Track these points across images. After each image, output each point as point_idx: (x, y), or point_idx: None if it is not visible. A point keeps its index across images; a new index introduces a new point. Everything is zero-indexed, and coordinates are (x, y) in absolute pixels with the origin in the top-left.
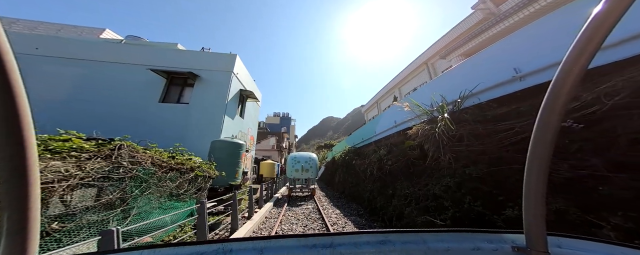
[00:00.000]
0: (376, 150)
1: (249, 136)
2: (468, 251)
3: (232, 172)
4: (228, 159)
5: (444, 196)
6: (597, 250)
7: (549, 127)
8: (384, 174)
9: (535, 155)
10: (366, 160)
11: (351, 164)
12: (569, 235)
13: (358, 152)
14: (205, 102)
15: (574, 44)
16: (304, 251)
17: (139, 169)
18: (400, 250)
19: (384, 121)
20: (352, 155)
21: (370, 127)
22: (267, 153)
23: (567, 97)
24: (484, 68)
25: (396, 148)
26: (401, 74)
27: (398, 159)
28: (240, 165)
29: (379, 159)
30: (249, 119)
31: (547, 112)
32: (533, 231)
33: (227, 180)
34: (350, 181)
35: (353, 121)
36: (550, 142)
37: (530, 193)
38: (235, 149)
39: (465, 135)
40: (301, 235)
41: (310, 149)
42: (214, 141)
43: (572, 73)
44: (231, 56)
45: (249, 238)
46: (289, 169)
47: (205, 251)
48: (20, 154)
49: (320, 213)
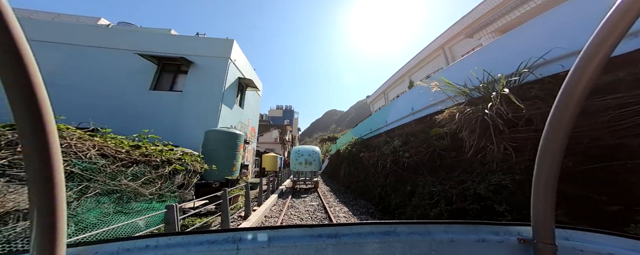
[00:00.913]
0: (389, 141)
1: (249, 127)
2: (473, 243)
3: (228, 165)
4: (224, 151)
5: (495, 198)
6: (606, 243)
7: (565, 116)
8: (401, 167)
9: (548, 145)
10: (376, 152)
11: (358, 157)
12: (578, 228)
13: (366, 144)
14: (201, 90)
15: (601, 25)
16: (309, 241)
17: (76, 162)
18: (405, 241)
19: (398, 109)
20: (359, 147)
21: (379, 116)
22: (269, 146)
23: (588, 84)
24: (564, 24)
25: (415, 138)
26: (412, 61)
27: (419, 150)
28: (238, 157)
29: (393, 151)
30: (250, 109)
31: (565, 100)
32: (541, 223)
33: (222, 175)
34: (356, 175)
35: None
36: (566, 131)
37: (540, 184)
38: (232, 139)
39: (536, 117)
40: (307, 226)
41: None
42: (208, 131)
43: (595, 59)
44: (228, 41)
45: (257, 228)
46: (293, 162)
47: (216, 239)
48: (45, 150)
49: (326, 211)
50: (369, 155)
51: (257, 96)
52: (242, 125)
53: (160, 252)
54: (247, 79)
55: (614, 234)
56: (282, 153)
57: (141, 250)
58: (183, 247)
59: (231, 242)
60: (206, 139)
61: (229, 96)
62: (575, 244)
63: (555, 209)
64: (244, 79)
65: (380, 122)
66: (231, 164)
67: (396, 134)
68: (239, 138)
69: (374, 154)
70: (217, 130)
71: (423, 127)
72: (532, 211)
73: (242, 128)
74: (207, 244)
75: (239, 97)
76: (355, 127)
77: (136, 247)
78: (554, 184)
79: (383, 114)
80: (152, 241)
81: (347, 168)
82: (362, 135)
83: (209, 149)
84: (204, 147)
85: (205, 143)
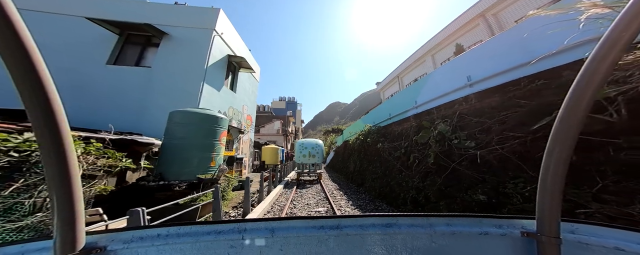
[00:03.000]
0: (426, 126)
1: (244, 115)
2: (475, 235)
3: (203, 159)
4: (196, 139)
5: None
6: (613, 236)
7: (579, 106)
8: (461, 163)
9: (558, 136)
10: (401, 142)
11: (374, 149)
12: (585, 221)
13: (384, 133)
14: (177, 67)
15: (617, 20)
16: (312, 232)
17: None
18: (406, 233)
19: (436, 84)
20: (375, 136)
21: (404, 97)
22: (272, 137)
23: (607, 71)
24: None
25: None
26: (435, 38)
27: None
28: (219, 149)
29: (439, 140)
30: (244, 94)
31: (582, 86)
32: (546, 216)
33: (194, 173)
34: (372, 170)
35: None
36: (578, 120)
37: (547, 176)
38: (208, 124)
39: None
40: (310, 217)
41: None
42: (173, 112)
43: (609, 56)
44: (212, 11)
45: (261, 219)
46: (297, 155)
47: (222, 230)
48: (59, 146)
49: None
50: (391, 147)
51: (253, 81)
52: (235, 112)
53: (171, 240)
54: (238, 57)
55: (621, 227)
56: (285, 145)
57: (153, 238)
58: (192, 237)
59: (237, 233)
60: (171, 123)
61: (215, 75)
62: (581, 237)
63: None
64: (235, 57)
65: (405, 103)
66: (207, 157)
67: (438, 116)
68: (219, 122)
69: (398, 144)
70: (186, 112)
71: (500, 101)
72: (537, 204)
73: (234, 115)
74: (214, 234)
75: (230, 78)
76: (367, 115)
77: (148, 236)
78: (562, 177)
79: (410, 94)
80: (164, 230)
81: (358, 161)
82: (377, 123)
83: (174, 137)
84: (168, 134)
85: (169, 129)
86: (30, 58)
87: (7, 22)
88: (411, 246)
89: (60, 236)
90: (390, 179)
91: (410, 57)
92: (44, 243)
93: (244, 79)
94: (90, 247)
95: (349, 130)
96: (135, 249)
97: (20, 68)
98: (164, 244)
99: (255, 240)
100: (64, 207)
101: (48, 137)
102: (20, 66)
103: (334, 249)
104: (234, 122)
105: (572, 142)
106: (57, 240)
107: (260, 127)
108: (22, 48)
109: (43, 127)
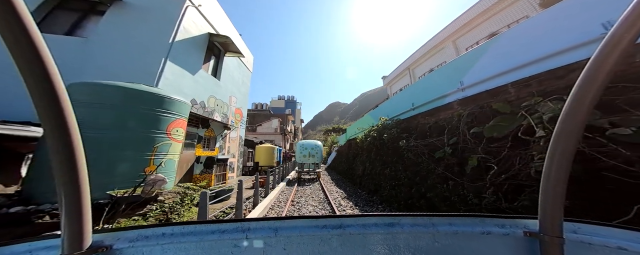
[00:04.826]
0: (504, 110)
1: (231, 108)
2: (477, 235)
3: (135, 164)
4: (118, 129)
5: None
6: (616, 236)
7: (582, 106)
8: (615, 166)
9: (561, 136)
10: (444, 137)
11: (394, 147)
12: (587, 221)
13: (405, 127)
14: (128, 39)
15: (621, 19)
16: (315, 231)
17: None
18: (409, 232)
19: (510, 51)
20: (395, 131)
21: (438, 79)
22: (269, 137)
23: (609, 72)
24: None
25: None
26: (459, 19)
27: None
28: (168, 146)
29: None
30: (232, 84)
31: (585, 87)
32: (549, 216)
33: (107, 187)
34: (390, 175)
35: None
36: (581, 121)
37: (550, 176)
38: (141, 106)
39: None
40: (312, 217)
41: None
42: (72, 85)
43: (619, 47)
44: None
45: (264, 218)
46: (298, 155)
47: (226, 229)
48: (68, 146)
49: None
50: (422, 144)
51: (245, 70)
52: (219, 103)
53: (175, 239)
54: (222, 37)
55: (624, 227)
56: (283, 145)
57: (158, 237)
58: (196, 236)
59: (240, 232)
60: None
61: (187, 55)
62: (583, 237)
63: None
64: (218, 36)
65: (439, 87)
66: (141, 160)
67: (526, 94)
68: (168, 106)
69: (436, 140)
70: (98, 85)
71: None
72: (540, 204)
73: (217, 107)
74: (218, 233)
75: (212, 63)
76: (377, 108)
77: (154, 235)
78: (565, 177)
79: (449, 74)
80: (168, 229)
81: (369, 163)
82: (394, 116)
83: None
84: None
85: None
86: (46, 68)
87: (18, 22)
88: (414, 246)
89: (68, 234)
90: (426, 189)
91: (425, 45)
92: (51, 241)
93: (232, 66)
94: (96, 246)
95: (358, 126)
96: (140, 247)
97: (34, 73)
98: (169, 242)
99: (259, 239)
100: (72, 206)
101: (57, 137)
102: (33, 71)
103: (336, 248)
104: (217, 115)
105: (575, 142)
106: (64, 238)
107: (257, 125)
108: (37, 56)
109: (53, 127)
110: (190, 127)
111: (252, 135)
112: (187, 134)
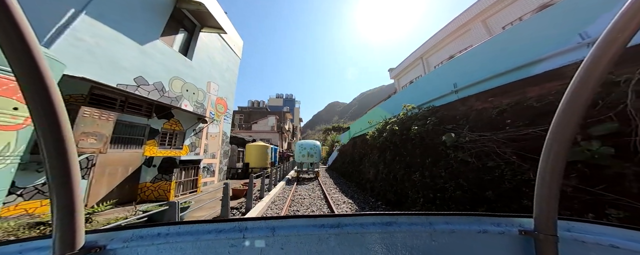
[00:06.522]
0: None
1: (210, 97)
2: (474, 234)
3: None
4: None
5: None
6: (608, 234)
7: (577, 105)
8: None
9: (556, 135)
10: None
11: (427, 145)
12: (580, 220)
13: (444, 117)
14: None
15: (617, 16)
16: (312, 230)
17: None
18: (406, 231)
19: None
20: (431, 122)
21: (527, 30)
22: (266, 135)
23: (604, 71)
24: None
25: None
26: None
27: None
28: None
29: None
30: (213, 68)
31: (580, 85)
32: (543, 215)
33: None
34: (423, 182)
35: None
36: (576, 120)
37: (545, 175)
38: None
39: None
40: (310, 216)
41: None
42: None
43: (613, 47)
44: None
45: (262, 218)
46: (297, 155)
47: (223, 228)
48: (60, 145)
49: None
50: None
51: (231, 54)
52: (192, 89)
53: (171, 239)
54: (194, 3)
55: (616, 225)
56: (281, 144)
57: (153, 237)
58: (192, 235)
59: (237, 231)
60: None
61: (128, 14)
62: (577, 235)
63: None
64: (188, 2)
65: (527, 49)
66: None
67: None
68: None
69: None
70: None
71: None
72: (534, 203)
73: (189, 94)
74: (215, 233)
75: (182, 38)
76: (390, 99)
77: (149, 235)
78: (559, 176)
79: (561, 17)
80: (164, 229)
81: (384, 165)
82: (421, 104)
83: None
84: None
85: None
86: (38, 65)
87: (12, 22)
88: (411, 244)
89: (59, 235)
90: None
91: (441, 31)
92: (43, 242)
93: (213, 48)
94: (89, 246)
95: (368, 119)
96: (135, 247)
97: (26, 71)
98: (164, 242)
99: (256, 239)
100: (64, 206)
101: (50, 137)
102: (25, 70)
103: (334, 247)
104: (187, 103)
105: (570, 141)
106: (56, 239)
107: (252, 123)
108: (29, 54)
109: (45, 126)
110: (134, 116)
111: (247, 133)
112: (123, 125)
